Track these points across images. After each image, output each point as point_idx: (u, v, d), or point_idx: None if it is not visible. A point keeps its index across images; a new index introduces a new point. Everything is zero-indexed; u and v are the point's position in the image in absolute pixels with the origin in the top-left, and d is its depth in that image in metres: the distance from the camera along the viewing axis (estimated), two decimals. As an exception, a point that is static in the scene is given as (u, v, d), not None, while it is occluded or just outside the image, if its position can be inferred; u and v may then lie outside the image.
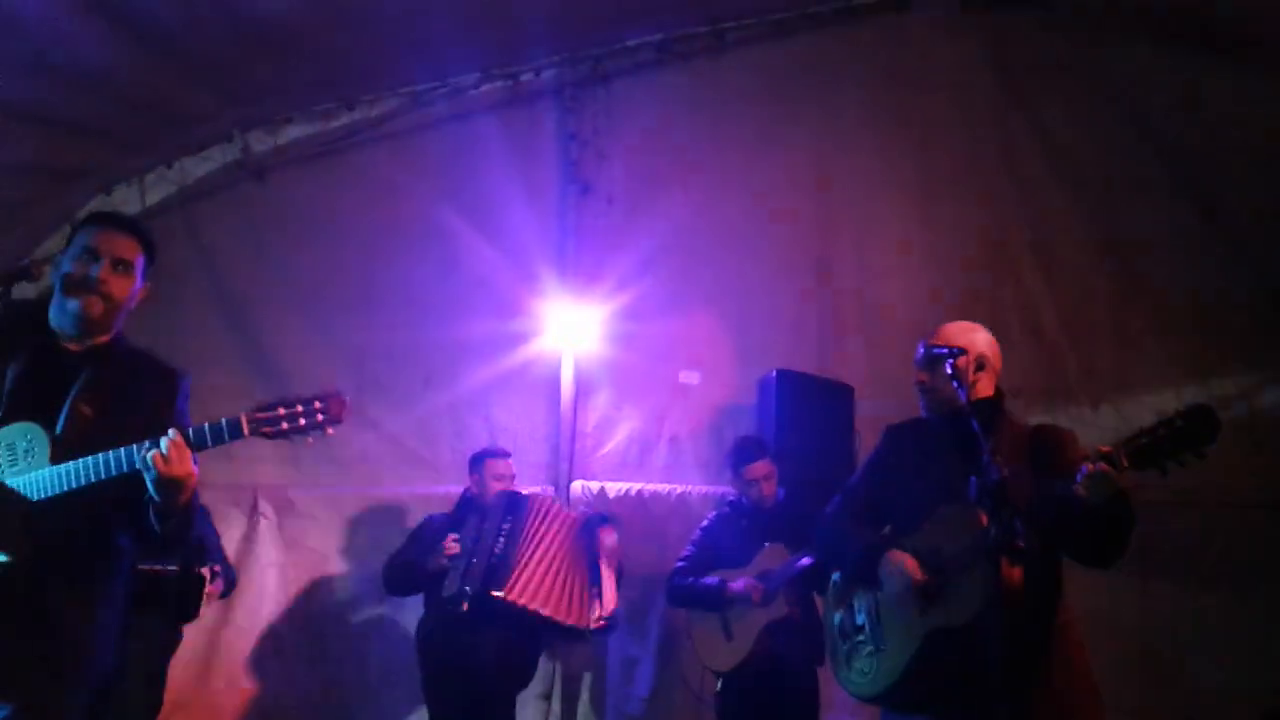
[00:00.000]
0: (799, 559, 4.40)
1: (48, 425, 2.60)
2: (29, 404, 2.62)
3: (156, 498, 2.51)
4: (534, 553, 4.82)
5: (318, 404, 2.58)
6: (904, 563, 3.00)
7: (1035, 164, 5.57)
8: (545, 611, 4.72)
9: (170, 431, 2.48)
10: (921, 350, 3.19)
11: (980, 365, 3.17)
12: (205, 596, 5.00)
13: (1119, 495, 2.72)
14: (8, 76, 4.59)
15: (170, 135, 5.94)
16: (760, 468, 4.76)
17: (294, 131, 6.18)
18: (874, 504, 3.27)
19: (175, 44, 5.03)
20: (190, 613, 5.00)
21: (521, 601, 4.68)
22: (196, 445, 2.52)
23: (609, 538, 4.98)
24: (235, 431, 2.53)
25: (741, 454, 4.82)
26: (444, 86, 6.05)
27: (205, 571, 4.96)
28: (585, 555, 4.95)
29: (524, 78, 6.09)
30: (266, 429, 2.55)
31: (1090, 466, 2.67)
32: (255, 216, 6.23)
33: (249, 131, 6.13)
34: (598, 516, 5.13)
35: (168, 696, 4.95)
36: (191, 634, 5.20)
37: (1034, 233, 5.53)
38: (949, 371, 3.01)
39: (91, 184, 5.97)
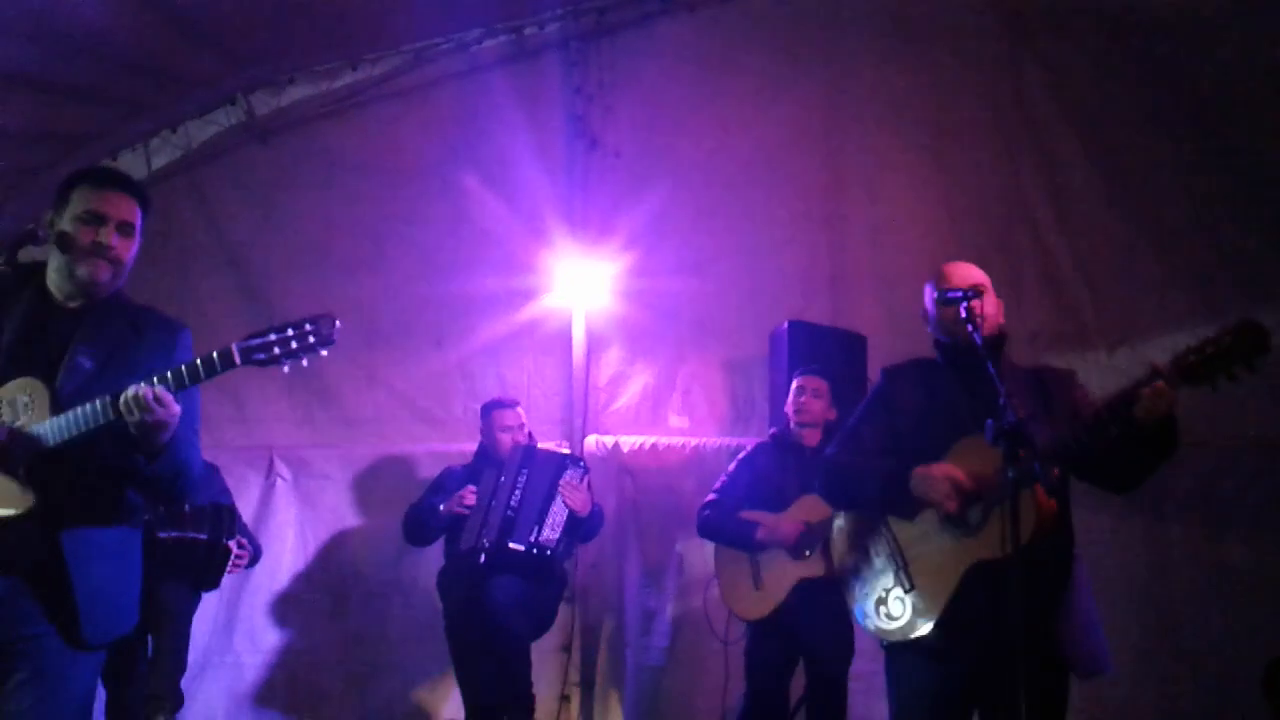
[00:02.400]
0: None
1: (47, 380, 2.62)
2: (27, 360, 2.64)
3: (138, 437, 2.55)
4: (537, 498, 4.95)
5: (308, 325, 2.56)
6: (943, 470, 2.92)
7: (1047, 108, 5.49)
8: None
9: (155, 378, 2.51)
10: (933, 292, 3.17)
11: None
12: (230, 567, 5.06)
13: (1173, 415, 2.75)
14: (9, 42, 4.56)
15: (174, 99, 5.91)
16: (812, 381, 4.76)
17: (297, 92, 6.14)
18: (883, 443, 3.19)
19: (176, 6, 4.98)
20: (211, 582, 5.06)
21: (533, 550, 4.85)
22: (190, 380, 2.55)
23: (570, 475, 5.01)
24: (227, 362, 2.53)
25: (799, 370, 4.84)
26: (447, 42, 5.99)
27: (232, 545, 5.01)
28: (549, 489, 5.00)
29: (528, 31, 6.03)
30: (259, 356, 2.54)
31: (1148, 387, 2.69)
32: (261, 178, 6.21)
33: (252, 93, 6.10)
34: (571, 459, 5.15)
35: (191, 657, 5.02)
36: (213, 595, 5.27)
37: (1048, 178, 5.47)
38: (963, 315, 2.97)
39: (98, 150, 5.95)
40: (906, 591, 3.01)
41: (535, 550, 4.89)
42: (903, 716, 3.07)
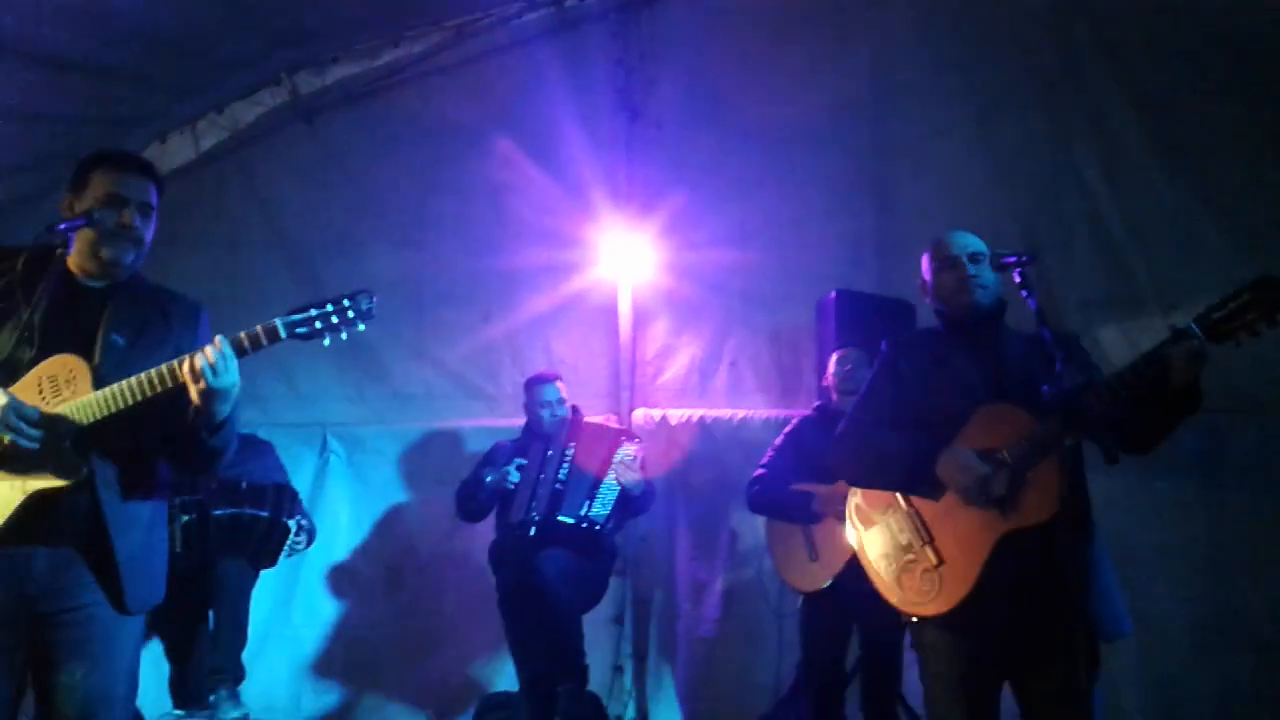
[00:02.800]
0: None
1: (84, 357, 2.71)
2: (62, 338, 2.72)
3: (203, 409, 2.64)
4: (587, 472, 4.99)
5: (346, 301, 2.72)
6: (967, 458, 2.92)
7: (1098, 70, 5.36)
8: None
9: (217, 338, 2.62)
10: (932, 261, 3.18)
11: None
12: (288, 548, 5.14)
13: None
14: (60, 27, 4.61)
15: (219, 81, 5.96)
16: (852, 354, 4.73)
17: (340, 71, 6.18)
18: (899, 416, 3.16)
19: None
20: (269, 561, 5.15)
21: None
22: (238, 353, 2.66)
23: (624, 453, 5.04)
24: (272, 335, 2.67)
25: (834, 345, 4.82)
26: (489, 17, 5.98)
27: (291, 524, 5.09)
28: (601, 465, 5.03)
29: (569, 3, 6.00)
30: (301, 330, 2.69)
31: (1178, 346, 2.70)
32: (307, 157, 6.26)
33: (296, 73, 6.14)
34: (625, 434, 5.18)
35: (251, 631, 5.12)
36: (271, 570, 5.36)
37: (1099, 141, 5.35)
38: (1017, 280, 2.93)
39: (145, 133, 6.02)
40: (936, 566, 2.99)
41: (585, 525, 4.92)
42: (937, 692, 3.04)
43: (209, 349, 2.61)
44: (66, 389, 2.68)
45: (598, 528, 4.96)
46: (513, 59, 6.05)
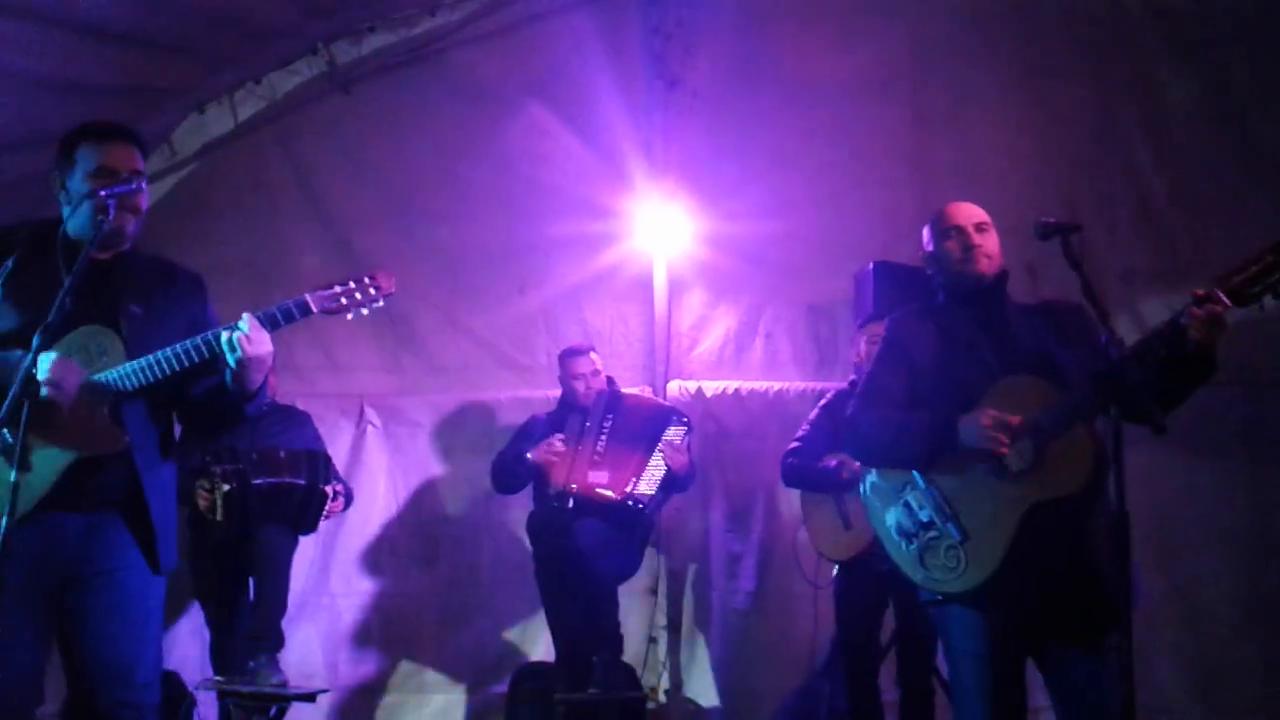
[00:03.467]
0: None
1: (113, 327, 2.77)
2: (85, 310, 2.75)
3: (241, 377, 2.71)
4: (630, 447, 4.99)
5: (367, 280, 2.86)
6: (988, 413, 2.83)
7: (1145, 34, 5.26)
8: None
9: (245, 315, 2.68)
10: (932, 232, 3.13)
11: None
12: (327, 513, 5.19)
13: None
14: (94, -1, 4.62)
15: (257, 50, 5.95)
16: (879, 328, 4.67)
17: (377, 40, 6.14)
18: (912, 392, 3.08)
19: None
20: (310, 526, 5.19)
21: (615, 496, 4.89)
22: (272, 326, 2.74)
23: (674, 434, 5.04)
24: (304, 310, 2.78)
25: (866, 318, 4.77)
26: (525, -17, 5.95)
27: (328, 490, 5.13)
28: (649, 443, 5.04)
29: (605, -29, 5.96)
30: (329, 304, 2.81)
31: (1200, 310, 2.63)
32: (344, 127, 6.25)
33: (333, 43, 6.11)
34: (675, 414, 5.16)
35: (289, 600, 5.17)
36: (309, 539, 5.41)
37: (1144, 107, 5.26)
38: (1064, 252, 2.83)
39: (184, 103, 6.04)
40: (961, 542, 2.90)
41: (631, 503, 4.92)
42: (963, 670, 3.00)
43: (247, 320, 2.66)
44: (100, 359, 2.74)
45: (642, 506, 4.97)
46: (549, 27, 6.00)
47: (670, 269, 5.96)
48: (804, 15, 5.81)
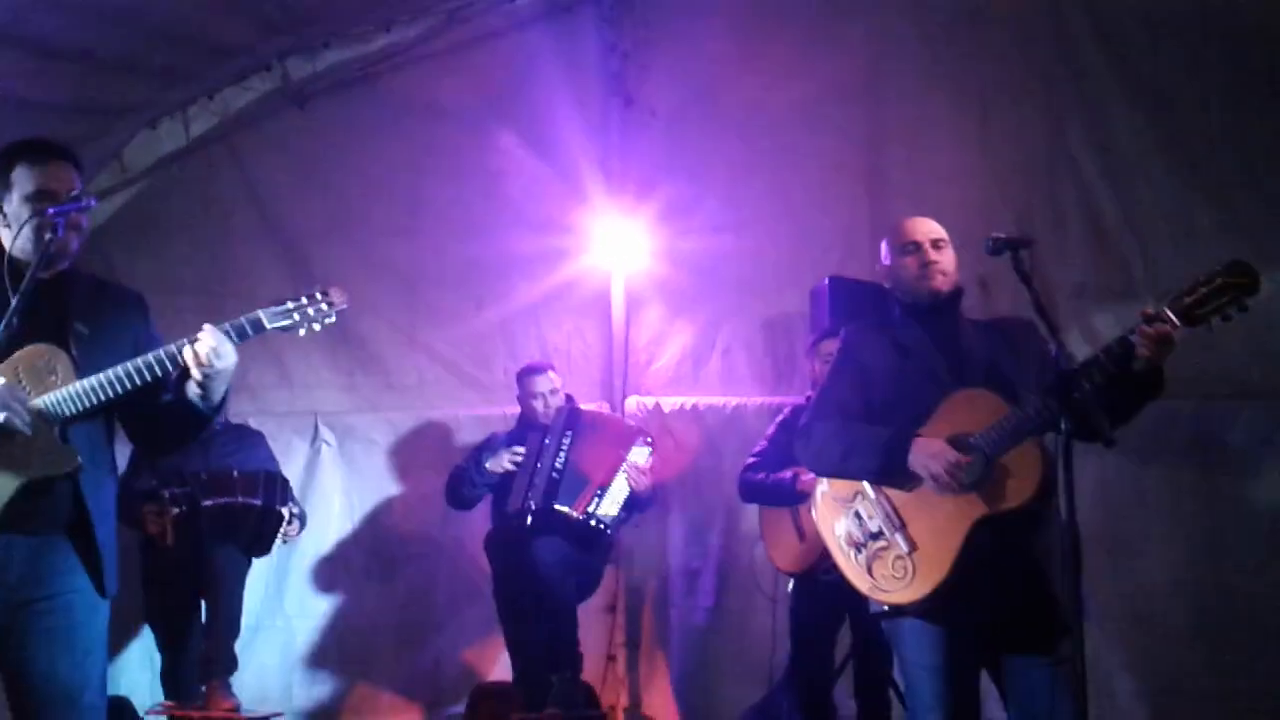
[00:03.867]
0: None
1: (61, 345, 2.72)
2: (31, 329, 2.70)
3: (202, 392, 2.70)
4: (592, 466, 4.97)
5: (319, 294, 2.79)
6: (939, 446, 2.90)
7: (1094, 58, 5.34)
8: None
9: (206, 327, 2.65)
10: (890, 247, 3.19)
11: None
12: (282, 536, 5.14)
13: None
14: (49, 14, 4.57)
15: (210, 66, 5.90)
16: (833, 344, 4.70)
17: (332, 56, 6.10)
18: (866, 405, 3.14)
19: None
20: (264, 548, 5.14)
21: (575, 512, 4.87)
22: (238, 338, 2.71)
23: (638, 454, 5.04)
24: (257, 326, 2.73)
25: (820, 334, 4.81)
26: (482, 1, 5.94)
27: (285, 511, 5.08)
28: (612, 463, 5.02)
29: (562, -11, 5.97)
30: (281, 322, 2.75)
31: (1150, 329, 2.68)
32: (299, 143, 6.21)
33: (288, 59, 6.07)
34: (640, 435, 5.16)
35: (243, 621, 5.11)
36: (263, 560, 5.35)
37: (1093, 129, 5.34)
38: (1015, 266, 2.89)
39: (136, 120, 5.97)
40: (909, 553, 2.94)
41: (592, 523, 4.92)
42: (916, 682, 3.04)
43: (208, 333, 2.63)
44: (48, 378, 2.68)
45: (605, 528, 4.97)
46: (506, 44, 6.01)
47: (628, 285, 5.98)
48: (760, 35, 5.86)
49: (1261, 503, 4.91)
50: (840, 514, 3.14)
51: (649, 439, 5.19)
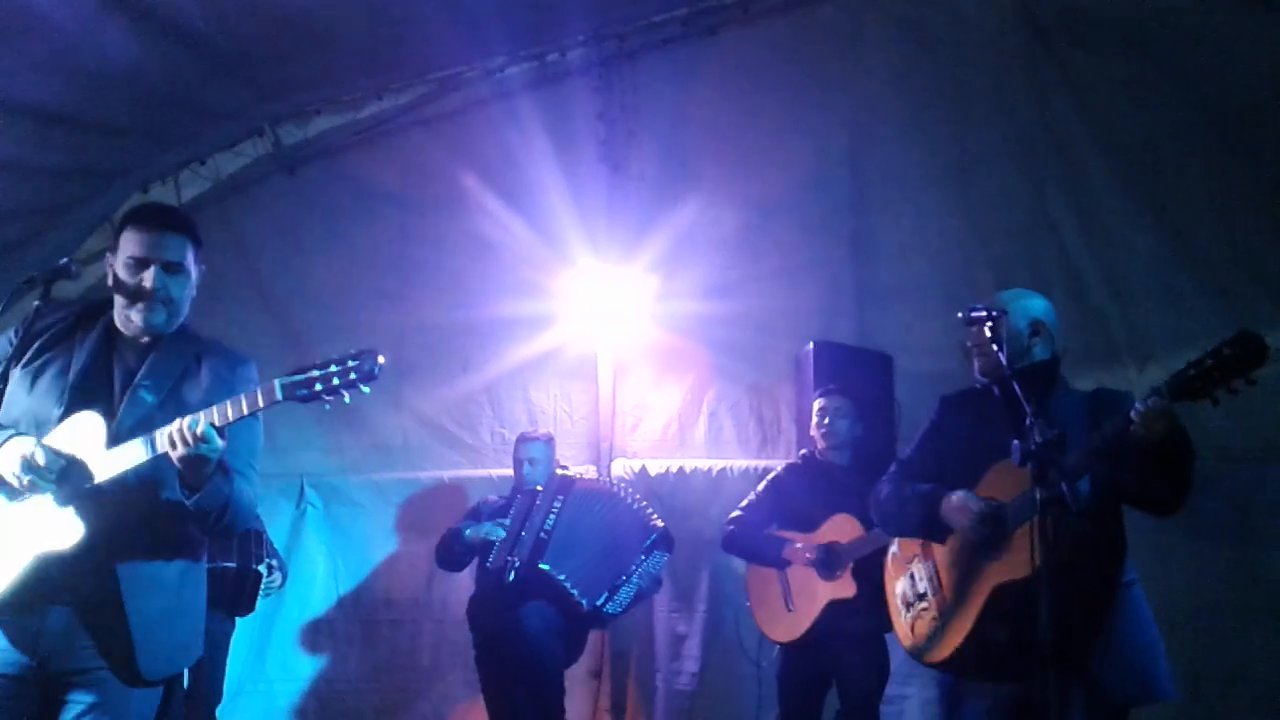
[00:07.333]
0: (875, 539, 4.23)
1: (108, 414, 2.65)
2: (92, 394, 2.68)
3: (183, 472, 2.56)
4: (583, 531, 4.94)
5: (350, 362, 2.52)
6: (965, 499, 3.02)
7: (1073, 124, 5.46)
8: (569, 585, 4.81)
9: (200, 415, 2.52)
10: (962, 314, 3.18)
11: (1035, 331, 3.20)
12: (264, 590, 5.08)
13: (1177, 429, 2.74)
14: (42, 80, 4.63)
15: (202, 131, 5.98)
16: (833, 401, 4.70)
17: (323, 122, 6.21)
18: (929, 471, 3.26)
19: (202, 40, 5.04)
20: (246, 608, 5.08)
21: (560, 575, 4.81)
22: (234, 415, 2.53)
23: (656, 563, 5.04)
24: (269, 397, 2.51)
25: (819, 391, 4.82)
26: (472, 70, 6.05)
27: (261, 569, 5.03)
28: (629, 551, 4.97)
29: (550, 58, 6.07)
30: (301, 392, 2.50)
31: (1142, 404, 2.71)
32: (289, 208, 6.28)
33: (279, 125, 6.17)
34: (661, 540, 5.06)
35: (225, 685, 5.04)
36: (245, 623, 5.29)
37: (1074, 194, 5.44)
38: (987, 334, 2.98)
39: (128, 183, 6.03)
40: (939, 613, 3.09)
41: (597, 613, 4.89)
42: None
43: (181, 419, 2.51)
44: (83, 446, 2.61)
45: (605, 620, 4.99)
46: (495, 112, 6.10)
47: (614, 349, 6.01)
48: (745, 103, 5.96)
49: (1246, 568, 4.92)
50: (901, 574, 3.33)
51: (669, 540, 5.08)
